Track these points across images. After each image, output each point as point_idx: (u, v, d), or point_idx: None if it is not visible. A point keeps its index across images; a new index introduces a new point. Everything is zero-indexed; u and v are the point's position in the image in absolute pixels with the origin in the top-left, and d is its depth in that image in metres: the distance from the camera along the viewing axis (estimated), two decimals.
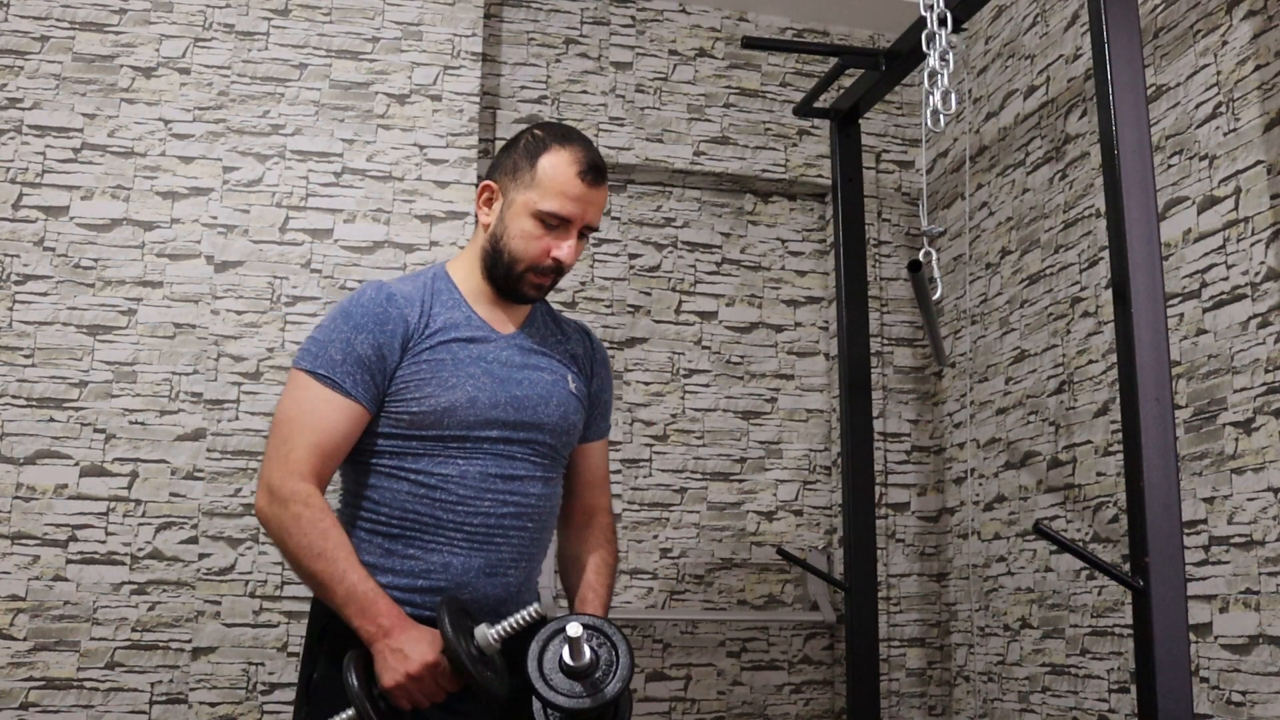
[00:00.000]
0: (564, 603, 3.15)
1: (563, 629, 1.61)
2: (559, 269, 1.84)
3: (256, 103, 2.94)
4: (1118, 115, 2.01)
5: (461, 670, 1.59)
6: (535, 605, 1.64)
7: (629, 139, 3.37)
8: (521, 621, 1.64)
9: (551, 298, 3.30)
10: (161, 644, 2.67)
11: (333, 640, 1.72)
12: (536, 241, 1.81)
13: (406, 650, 1.62)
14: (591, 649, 1.62)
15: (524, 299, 1.88)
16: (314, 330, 1.82)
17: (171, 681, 2.66)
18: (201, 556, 2.72)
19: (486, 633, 1.63)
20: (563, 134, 1.86)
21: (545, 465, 1.86)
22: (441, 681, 1.63)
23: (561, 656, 1.61)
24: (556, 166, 1.81)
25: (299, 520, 1.67)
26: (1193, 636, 2.34)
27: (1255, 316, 2.26)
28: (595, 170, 1.82)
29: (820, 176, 3.49)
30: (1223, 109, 2.37)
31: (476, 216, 1.89)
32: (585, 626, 1.63)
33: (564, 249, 1.82)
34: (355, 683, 1.60)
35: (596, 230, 1.92)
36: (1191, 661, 2.11)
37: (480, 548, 1.78)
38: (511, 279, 1.84)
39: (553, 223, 1.81)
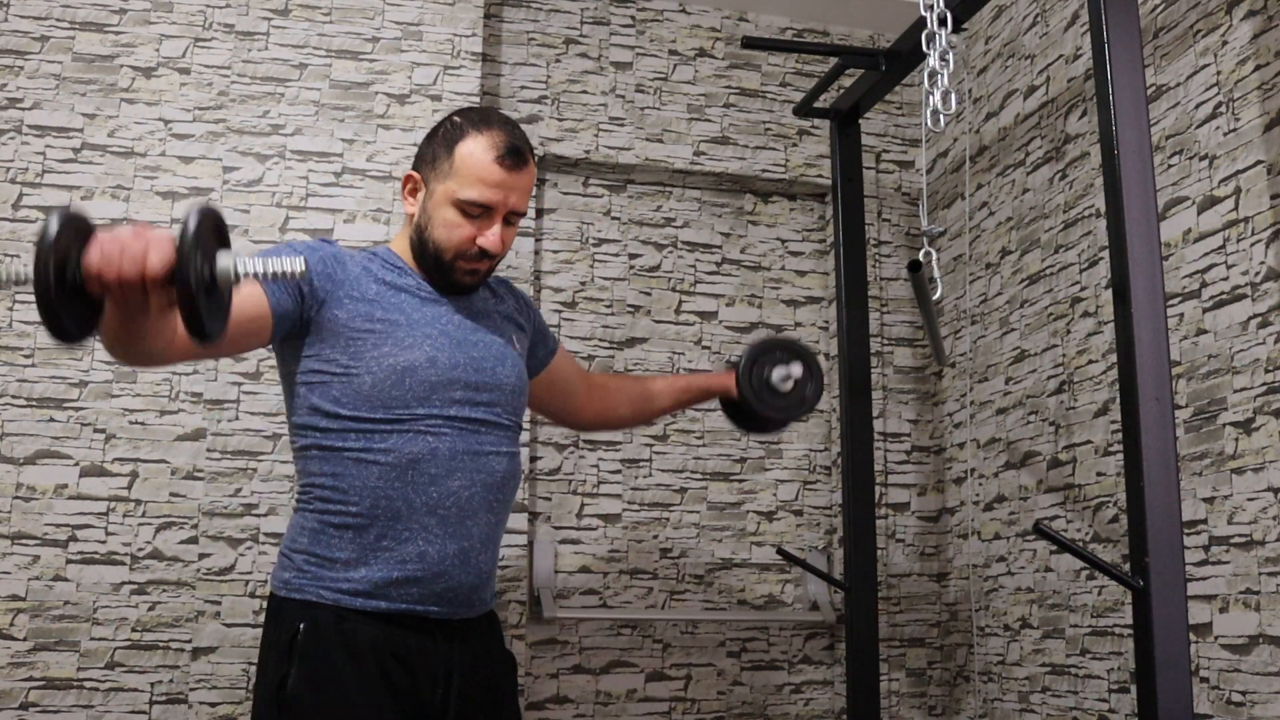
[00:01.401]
0: (563, 602, 3.16)
1: (777, 368, 2.28)
2: (488, 255, 1.83)
3: (256, 103, 2.94)
4: (1118, 115, 2.02)
5: (184, 284, 1.22)
6: (302, 262, 1.32)
7: (629, 139, 3.37)
8: (279, 270, 1.31)
9: (551, 297, 3.30)
10: (161, 644, 2.67)
11: (310, 646, 1.67)
12: (459, 230, 1.80)
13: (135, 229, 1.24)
14: (795, 377, 2.19)
15: (460, 289, 1.87)
16: None
17: (171, 681, 2.66)
18: (201, 556, 2.72)
19: (230, 260, 1.28)
20: (480, 119, 1.82)
21: (509, 437, 1.87)
22: (151, 260, 1.21)
23: (772, 381, 2.25)
24: (474, 153, 1.79)
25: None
26: (1193, 636, 2.34)
27: (1255, 316, 2.26)
28: (514, 154, 1.80)
29: (820, 176, 3.49)
30: (1223, 109, 2.37)
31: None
32: (789, 358, 2.28)
33: (488, 237, 1.80)
34: (54, 231, 1.23)
35: (523, 215, 1.89)
36: (1191, 661, 2.11)
37: (453, 532, 1.76)
38: (442, 268, 1.83)
39: (474, 211, 1.79)
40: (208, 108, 2.91)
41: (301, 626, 1.70)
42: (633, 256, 3.41)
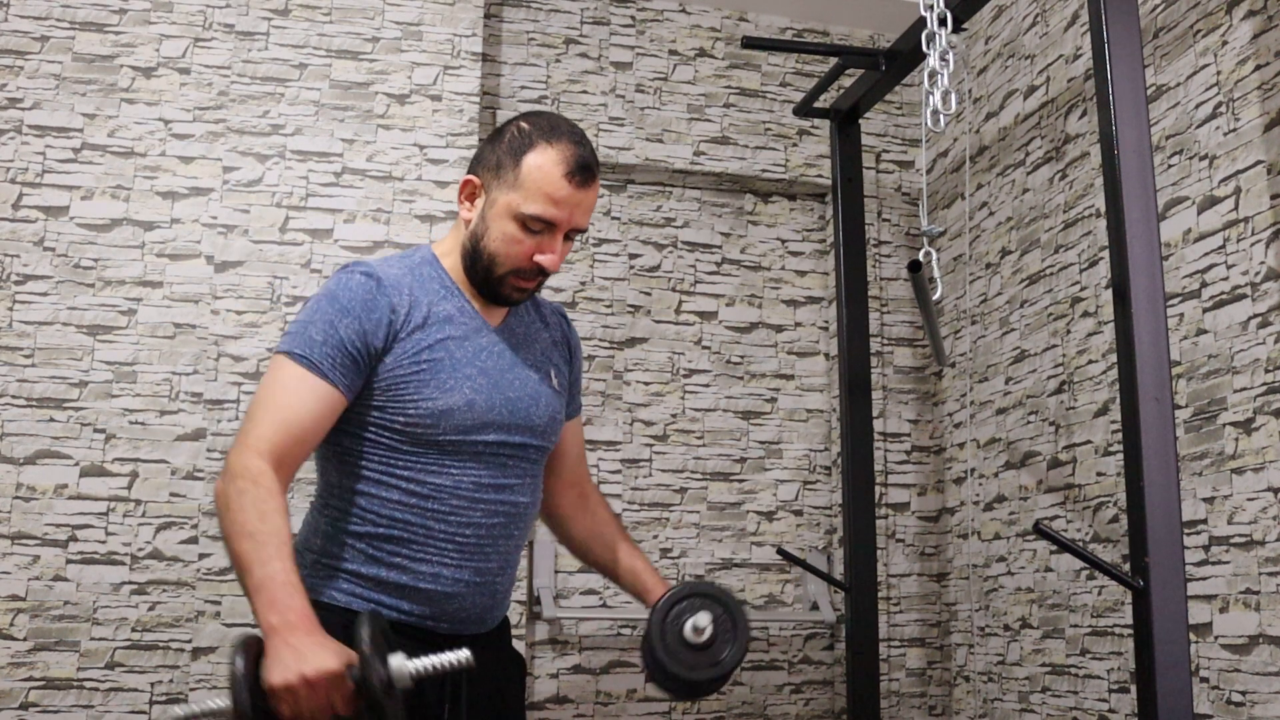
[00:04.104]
0: (564, 602, 3.15)
1: (689, 614, 1.77)
2: (543, 271, 1.74)
3: (256, 103, 2.94)
4: (1118, 115, 2.01)
5: (368, 692, 1.42)
6: (466, 653, 1.51)
7: (629, 139, 3.37)
8: (445, 665, 1.50)
9: (551, 297, 3.30)
10: (161, 644, 2.67)
11: None
12: (518, 245, 1.70)
13: (306, 651, 1.43)
14: (713, 627, 1.76)
15: (506, 302, 1.78)
16: (298, 313, 1.71)
17: (171, 681, 2.66)
18: (201, 556, 2.72)
19: (404, 665, 1.47)
20: (550, 128, 1.71)
21: (533, 470, 1.82)
22: (335, 698, 1.43)
23: (684, 634, 1.76)
24: (542, 167, 1.68)
25: (242, 496, 1.54)
26: (1193, 636, 2.34)
27: (1255, 316, 2.26)
28: (584, 171, 1.70)
29: (820, 176, 3.49)
30: (1223, 109, 2.37)
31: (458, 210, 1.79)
32: (707, 604, 1.78)
33: (548, 255, 1.71)
34: (240, 668, 1.41)
35: (584, 232, 1.86)
36: (1191, 661, 2.11)
37: (470, 558, 1.73)
38: (492, 281, 1.74)
39: (536, 227, 1.69)
40: (208, 108, 2.91)
41: None
42: (633, 256, 3.41)
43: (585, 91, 3.38)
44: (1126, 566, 2.54)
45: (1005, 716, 3.01)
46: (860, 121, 3.04)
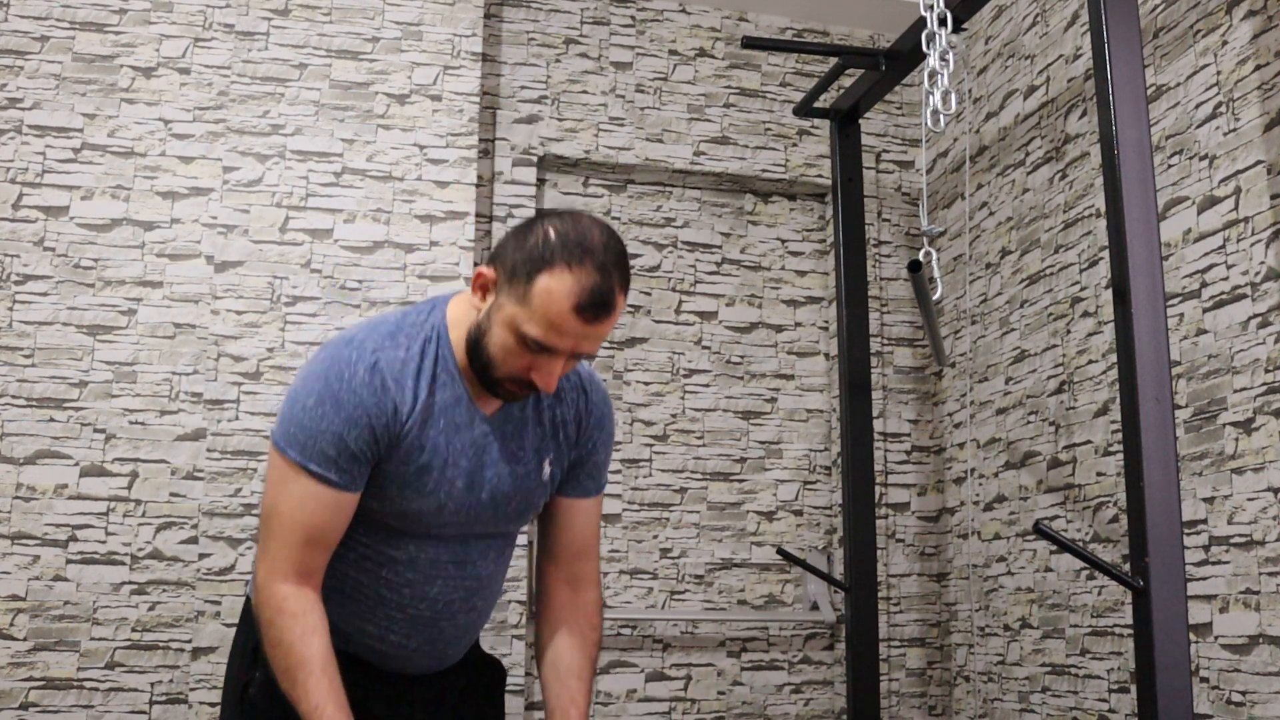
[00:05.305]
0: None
1: None
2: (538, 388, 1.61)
3: (256, 103, 2.94)
4: (1118, 115, 2.02)
5: None
6: None
7: (629, 139, 3.37)
8: None
9: None
10: (161, 644, 2.67)
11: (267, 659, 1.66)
12: (515, 359, 1.57)
13: None
14: None
15: (503, 399, 1.65)
16: (297, 397, 1.59)
17: (171, 681, 2.66)
18: (201, 556, 2.72)
19: None
20: (576, 247, 1.52)
21: (499, 544, 1.74)
22: None
23: None
24: (552, 293, 1.51)
25: (270, 627, 1.56)
26: (1193, 636, 2.34)
27: (1255, 316, 2.26)
28: (597, 308, 1.52)
29: (820, 176, 3.49)
30: (1223, 109, 2.37)
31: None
32: None
33: (543, 375, 1.57)
34: None
35: (593, 357, 1.73)
36: (1191, 661, 2.11)
37: (422, 630, 1.68)
38: (488, 380, 1.61)
39: (535, 348, 1.55)
40: (208, 108, 2.91)
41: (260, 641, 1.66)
42: (633, 256, 3.41)
43: (585, 91, 3.38)
44: (1126, 566, 2.54)
45: (1005, 716, 3.01)
46: (860, 121, 3.04)
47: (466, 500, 1.65)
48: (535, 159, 3.29)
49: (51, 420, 2.70)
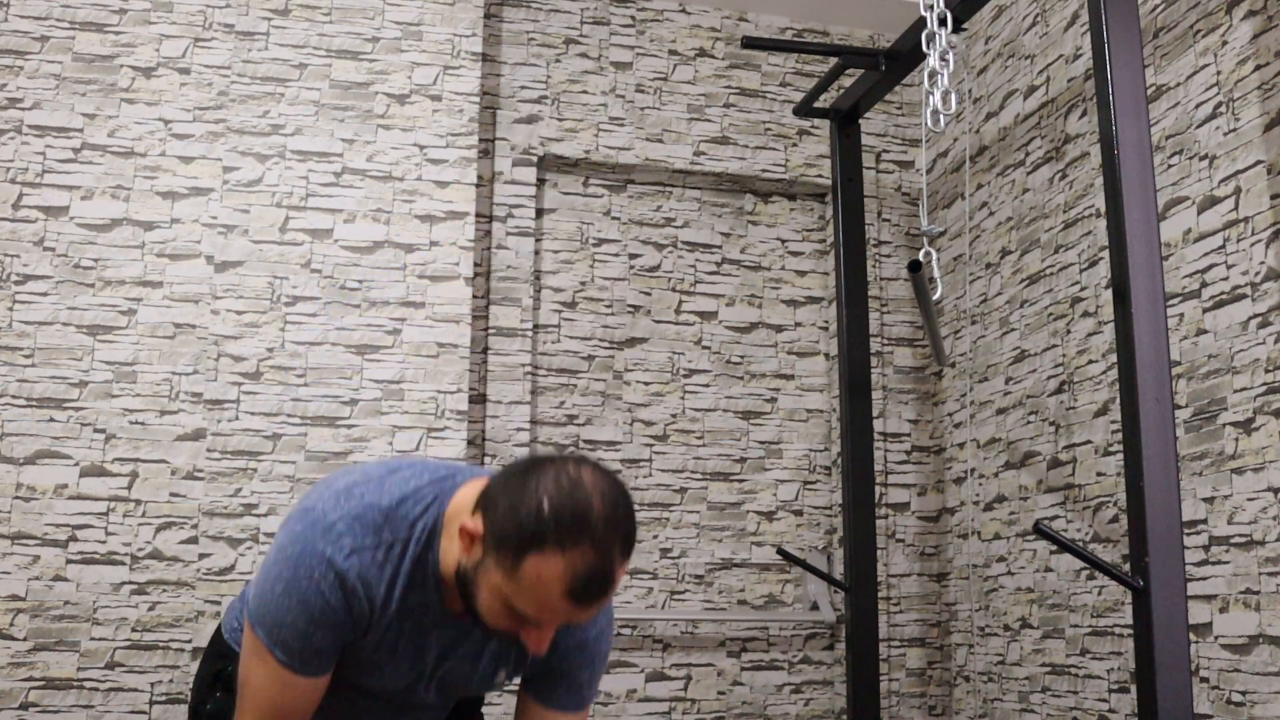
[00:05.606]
0: None
1: None
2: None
3: (256, 103, 2.94)
4: (1118, 115, 2.02)
5: None
6: None
7: (629, 139, 3.37)
8: None
9: (551, 297, 3.30)
10: (161, 644, 2.67)
11: (227, 683, 1.67)
12: (504, 620, 1.44)
13: None
14: None
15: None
16: (268, 573, 1.50)
17: (171, 681, 2.66)
18: (201, 556, 2.72)
19: None
20: (571, 525, 1.36)
21: (443, 710, 1.71)
22: None
23: None
24: (541, 576, 1.36)
25: None
26: (1193, 636, 2.34)
27: (1255, 316, 2.26)
28: (591, 593, 1.38)
29: (820, 176, 3.49)
30: (1223, 109, 2.37)
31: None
32: None
33: (533, 640, 1.44)
34: None
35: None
36: (1191, 661, 2.11)
37: None
38: (476, 618, 1.49)
39: (524, 619, 1.43)
40: (208, 108, 2.91)
41: (223, 668, 1.68)
42: (633, 256, 3.41)
43: (585, 91, 3.38)
44: (1126, 566, 2.54)
45: (1005, 716, 3.01)
46: (860, 121, 3.04)
47: (417, 687, 1.62)
48: (535, 159, 3.29)
49: (51, 420, 2.70)
